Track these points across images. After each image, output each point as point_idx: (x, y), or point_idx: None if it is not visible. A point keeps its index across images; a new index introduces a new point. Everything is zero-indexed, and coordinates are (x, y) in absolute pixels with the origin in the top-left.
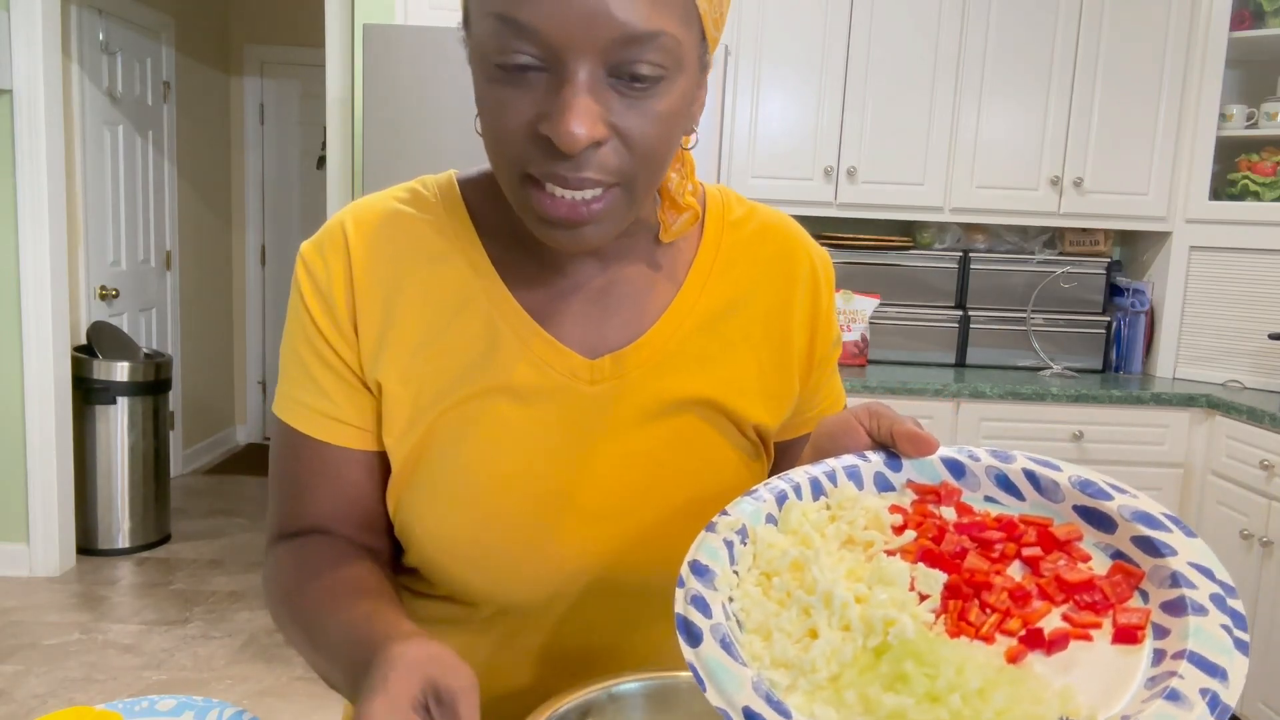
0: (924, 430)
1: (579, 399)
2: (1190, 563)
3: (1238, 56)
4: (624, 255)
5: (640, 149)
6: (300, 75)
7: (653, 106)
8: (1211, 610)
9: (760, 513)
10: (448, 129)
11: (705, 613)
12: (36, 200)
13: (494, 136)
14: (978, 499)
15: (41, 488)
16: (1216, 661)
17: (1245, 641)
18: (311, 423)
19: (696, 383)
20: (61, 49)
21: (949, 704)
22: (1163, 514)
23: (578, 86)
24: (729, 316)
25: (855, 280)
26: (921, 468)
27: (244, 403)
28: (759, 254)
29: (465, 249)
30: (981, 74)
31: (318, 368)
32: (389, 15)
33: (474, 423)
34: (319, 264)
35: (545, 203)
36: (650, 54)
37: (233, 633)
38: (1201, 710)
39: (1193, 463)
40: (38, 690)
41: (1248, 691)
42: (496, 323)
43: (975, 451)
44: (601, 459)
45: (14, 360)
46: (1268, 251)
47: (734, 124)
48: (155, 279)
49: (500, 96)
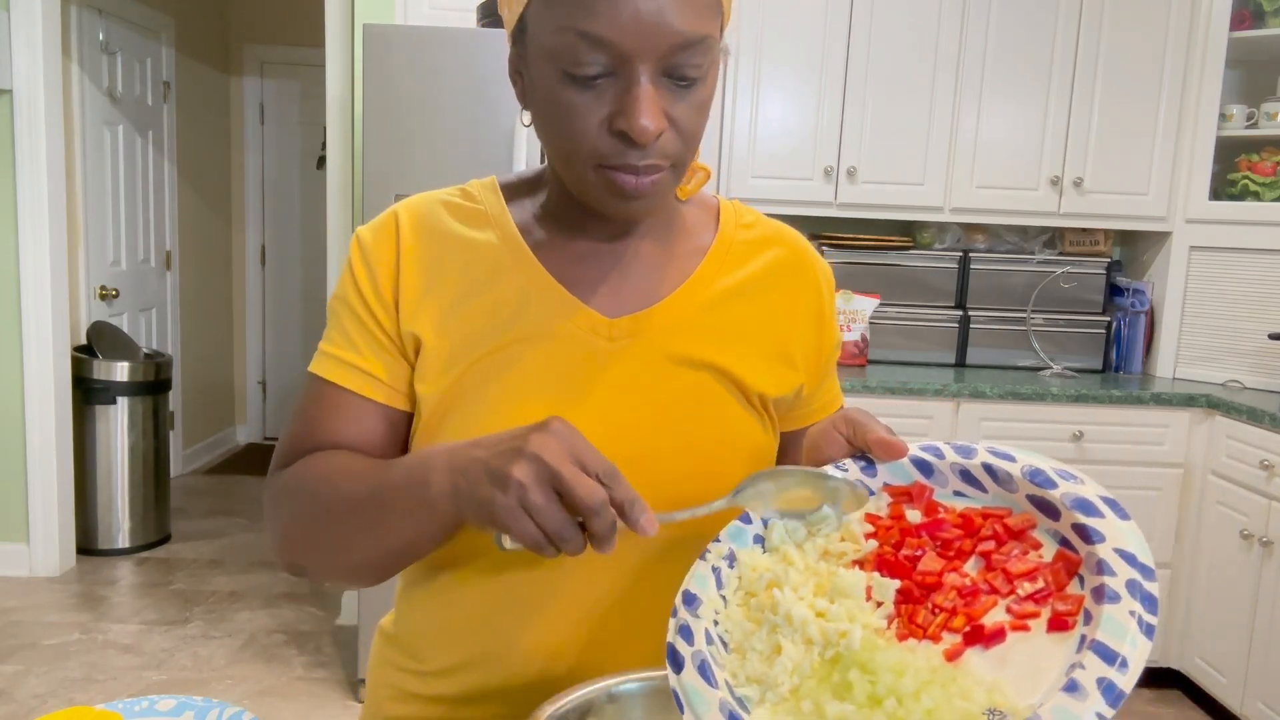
0: (894, 437)
1: (599, 354)
2: (1115, 548)
3: (1238, 56)
4: (644, 234)
5: (688, 134)
6: (300, 75)
7: (695, 98)
8: (1124, 597)
9: (748, 533)
10: (448, 128)
11: (689, 640)
12: (36, 200)
13: (569, 134)
14: (948, 494)
15: (41, 488)
16: (1118, 650)
17: (1151, 625)
18: (339, 372)
19: (707, 349)
20: (61, 49)
21: (885, 708)
22: (1100, 497)
23: (644, 88)
24: (737, 301)
25: (855, 280)
26: (894, 470)
27: (244, 403)
28: (768, 255)
29: (501, 229)
30: (981, 74)
31: (355, 329)
32: (389, 15)
33: (502, 370)
34: (371, 242)
35: (619, 180)
36: (698, 57)
37: (233, 633)
38: (1096, 699)
39: (1193, 463)
40: (38, 690)
41: (1248, 691)
42: (525, 287)
43: (940, 448)
44: (620, 408)
45: (14, 360)
46: (1268, 251)
47: (734, 124)
48: (155, 279)
49: (574, 100)
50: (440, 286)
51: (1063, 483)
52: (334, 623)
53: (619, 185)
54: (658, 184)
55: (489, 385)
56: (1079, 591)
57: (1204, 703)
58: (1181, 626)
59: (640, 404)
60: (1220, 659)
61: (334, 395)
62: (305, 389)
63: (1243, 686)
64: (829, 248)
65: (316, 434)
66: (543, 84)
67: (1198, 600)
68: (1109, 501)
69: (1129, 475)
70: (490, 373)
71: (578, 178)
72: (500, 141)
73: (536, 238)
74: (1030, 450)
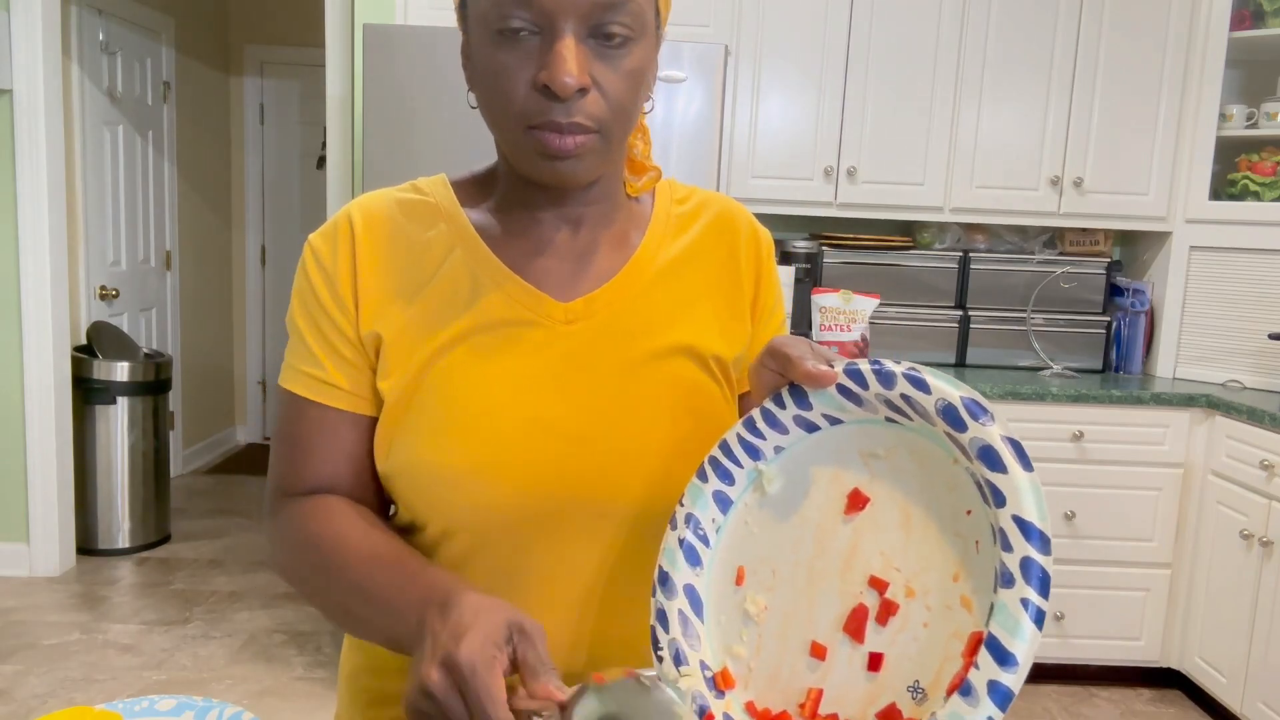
0: (820, 367)
1: (556, 336)
2: (1013, 515)
3: (1238, 56)
4: (592, 222)
5: (614, 100)
6: (300, 75)
7: (623, 64)
8: (1018, 580)
9: (705, 493)
10: (448, 128)
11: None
12: (36, 200)
13: (499, 94)
14: (879, 421)
15: (41, 488)
16: (1009, 649)
17: (1043, 611)
18: (310, 388)
19: (658, 321)
20: (61, 49)
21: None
22: (1005, 441)
23: (566, 42)
24: (682, 270)
25: (855, 280)
26: (823, 399)
27: (244, 403)
28: (703, 221)
29: (452, 221)
30: (981, 74)
31: (315, 341)
32: (389, 15)
33: (460, 359)
34: (325, 249)
35: (544, 140)
36: (623, 16)
37: (233, 633)
38: (987, 705)
39: (1193, 463)
40: (38, 690)
41: (1248, 691)
42: (477, 273)
43: (864, 376)
44: (579, 388)
45: (14, 360)
46: (1268, 251)
47: (734, 124)
48: (155, 279)
49: (502, 59)
50: (397, 282)
51: (972, 424)
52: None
53: (544, 144)
54: (583, 146)
55: (449, 373)
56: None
57: (1204, 703)
58: (1181, 626)
59: (597, 381)
60: (1220, 659)
61: (311, 413)
62: (281, 405)
63: (1243, 686)
64: (829, 248)
65: (305, 455)
66: (479, 51)
67: (1198, 600)
68: (1014, 447)
69: (1129, 475)
70: (448, 363)
71: (511, 143)
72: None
73: (490, 232)
74: (943, 375)
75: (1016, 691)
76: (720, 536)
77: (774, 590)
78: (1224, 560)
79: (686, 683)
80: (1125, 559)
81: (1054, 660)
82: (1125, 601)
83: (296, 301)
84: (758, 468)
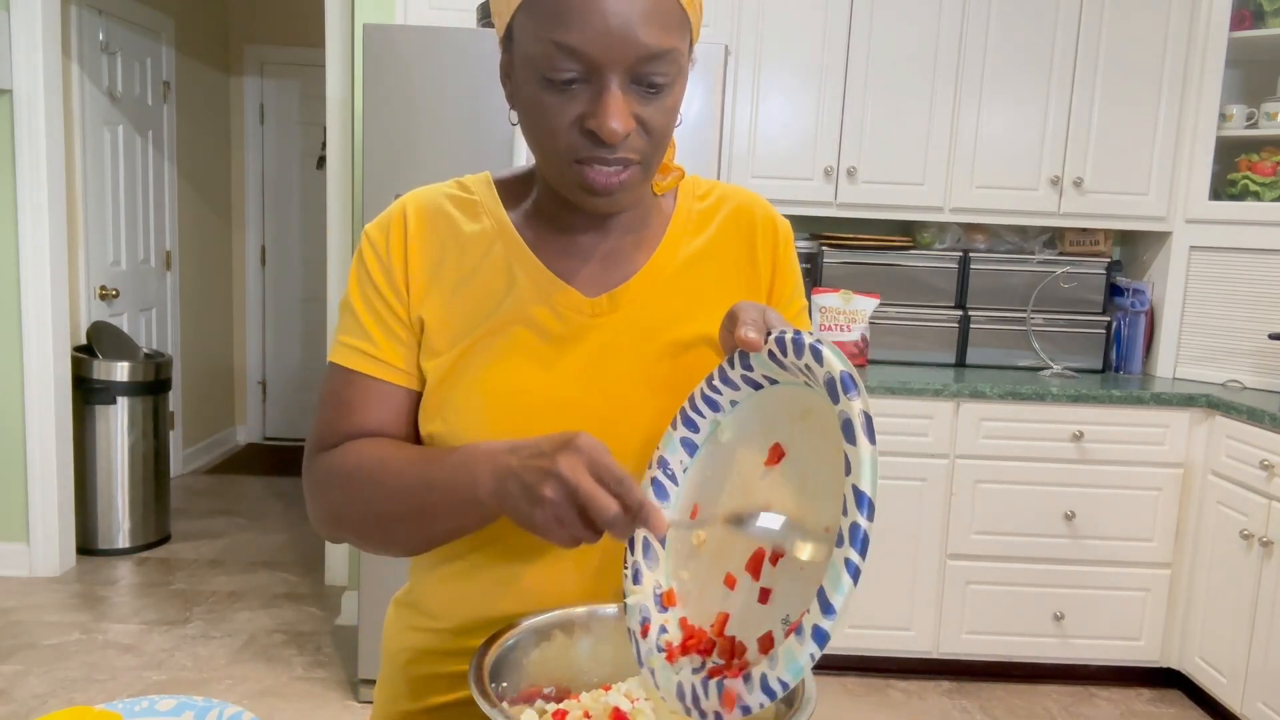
0: (750, 334)
1: (585, 329)
2: (854, 485)
3: (1238, 56)
4: (621, 225)
5: (656, 134)
6: (300, 75)
7: (663, 103)
8: (845, 542)
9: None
10: (448, 128)
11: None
12: (36, 200)
13: (546, 130)
14: (799, 384)
15: (41, 488)
16: (830, 600)
17: (859, 568)
18: (359, 361)
19: (681, 314)
20: (61, 49)
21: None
22: (861, 415)
23: (614, 94)
24: (703, 263)
25: (855, 280)
26: (760, 362)
27: (244, 403)
28: (722, 215)
29: (494, 219)
30: (981, 74)
31: (370, 321)
32: (389, 15)
33: (498, 347)
34: (381, 238)
35: (589, 177)
36: (664, 66)
37: (233, 633)
38: (810, 645)
39: (1193, 463)
40: (38, 690)
41: (1248, 691)
42: (514, 269)
43: (785, 344)
44: (606, 377)
45: (14, 360)
46: (1268, 251)
47: (734, 124)
48: (155, 279)
49: (550, 102)
50: (443, 272)
51: (842, 397)
52: (334, 623)
53: (590, 181)
54: (626, 181)
55: (486, 358)
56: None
57: (1204, 703)
58: (1181, 626)
59: (622, 370)
60: (1220, 659)
61: (358, 381)
62: (329, 377)
63: (1243, 686)
64: (829, 248)
65: (348, 416)
66: (525, 87)
67: (1198, 600)
68: (866, 420)
69: (1129, 475)
70: (486, 351)
71: (556, 172)
72: (500, 141)
73: (526, 231)
74: (838, 352)
75: (833, 635)
76: (685, 477)
77: (712, 526)
78: (1224, 560)
79: (635, 598)
80: (1125, 559)
81: (1054, 660)
82: (1125, 601)
83: (354, 285)
84: (716, 419)
